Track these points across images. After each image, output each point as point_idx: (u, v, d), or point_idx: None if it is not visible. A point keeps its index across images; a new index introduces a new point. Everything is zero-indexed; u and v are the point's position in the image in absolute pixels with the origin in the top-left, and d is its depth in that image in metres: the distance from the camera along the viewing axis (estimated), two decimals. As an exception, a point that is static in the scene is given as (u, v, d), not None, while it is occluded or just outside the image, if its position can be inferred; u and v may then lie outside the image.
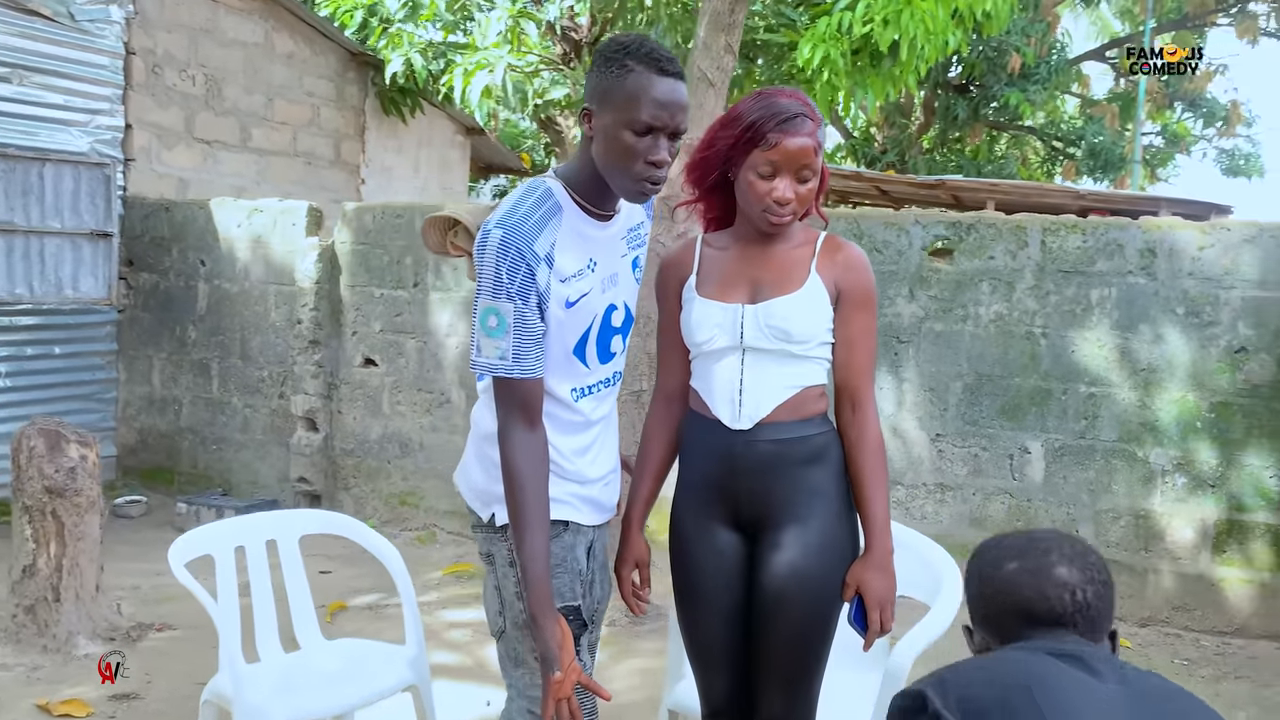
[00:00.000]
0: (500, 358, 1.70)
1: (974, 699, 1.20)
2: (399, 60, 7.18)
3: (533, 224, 1.70)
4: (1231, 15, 15.36)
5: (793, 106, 1.77)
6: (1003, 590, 1.39)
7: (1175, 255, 4.09)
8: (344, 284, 5.50)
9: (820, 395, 1.90)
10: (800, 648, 1.89)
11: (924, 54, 7.36)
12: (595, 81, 1.71)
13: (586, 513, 1.88)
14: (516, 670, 1.86)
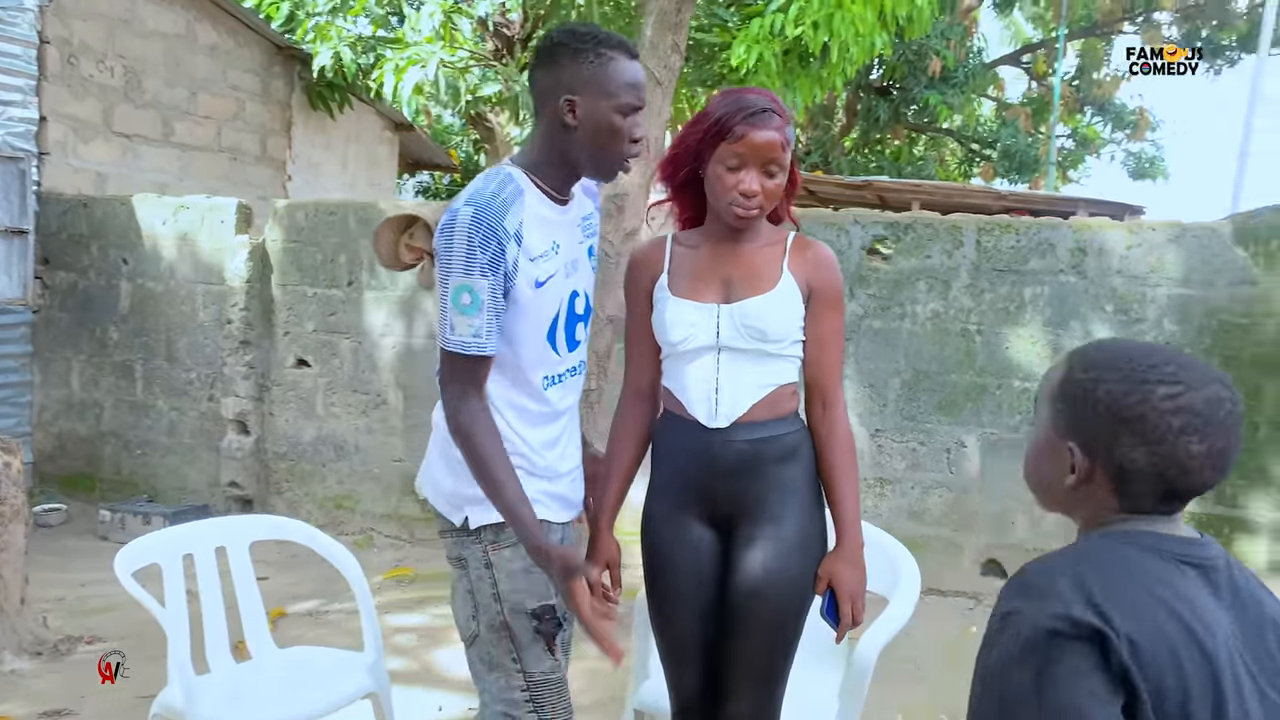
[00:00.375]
0: (474, 335, 1.69)
1: (1145, 650, 1.00)
2: (327, 54, 7.02)
3: (500, 202, 1.71)
4: (1137, 24, 15.99)
5: (760, 102, 1.80)
6: (1163, 448, 1.09)
7: (1104, 254, 4.24)
8: (275, 283, 5.36)
9: (793, 393, 1.92)
10: (772, 644, 1.90)
11: (852, 56, 7.50)
12: (572, 71, 1.72)
13: (556, 510, 1.87)
14: (490, 674, 1.83)
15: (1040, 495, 1.26)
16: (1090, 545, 1.12)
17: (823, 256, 1.90)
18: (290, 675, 2.42)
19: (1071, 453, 1.13)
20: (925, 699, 3.48)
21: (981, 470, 4.45)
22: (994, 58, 17.02)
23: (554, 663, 1.83)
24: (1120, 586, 1.04)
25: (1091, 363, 1.15)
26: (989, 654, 1.07)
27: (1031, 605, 1.03)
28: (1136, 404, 1.09)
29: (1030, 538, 4.43)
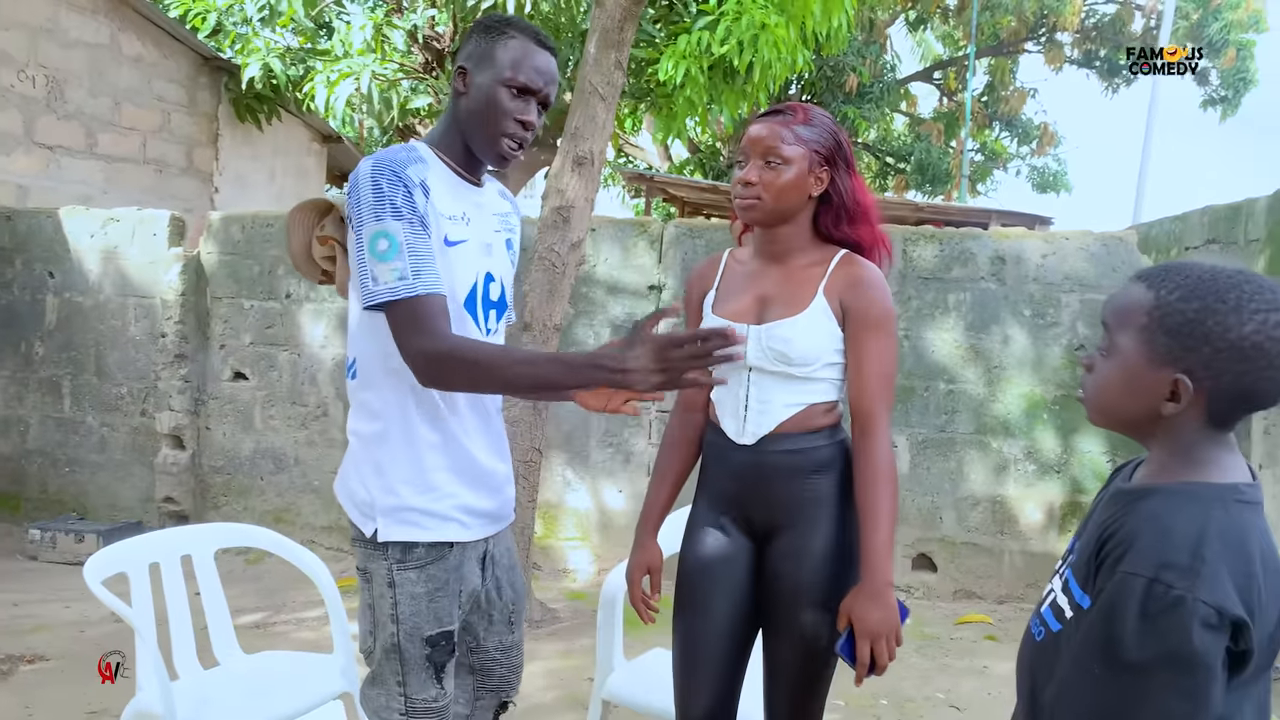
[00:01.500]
0: (400, 278, 1.58)
1: (1265, 620, 1.06)
2: (257, 66, 6.97)
3: (401, 156, 1.67)
4: (1040, 43, 16.71)
5: (780, 106, 1.85)
6: (1270, 362, 1.09)
7: (1022, 262, 4.50)
8: (211, 295, 5.32)
9: (828, 410, 1.88)
10: (808, 654, 1.87)
11: (775, 73, 7.73)
12: (474, 45, 1.74)
13: (476, 527, 1.80)
14: (372, 689, 1.79)
15: (1115, 424, 1.23)
16: (1216, 514, 1.10)
17: (863, 277, 1.82)
18: (261, 678, 2.45)
19: (1178, 382, 1.12)
20: (865, 687, 3.65)
21: (911, 468, 4.67)
22: (906, 74, 17.59)
23: (439, 691, 1.77)
24: (1251, 565, 1.06)
25: (1190, 290, 1.12)
26: (1143, 621, 1.04)
27: (1191, 584, 1.03)
28: (1252, 333, 1.08)
29: (958, 532, 4.66)
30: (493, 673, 1.97)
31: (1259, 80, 16.32)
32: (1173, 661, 1.02)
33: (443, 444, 1.74)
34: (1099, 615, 1.09)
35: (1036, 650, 1.24)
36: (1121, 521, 1.14)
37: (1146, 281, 1.16)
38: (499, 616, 1.93)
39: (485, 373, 1.58)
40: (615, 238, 4.87)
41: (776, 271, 1.89)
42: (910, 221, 10.50)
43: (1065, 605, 1.19)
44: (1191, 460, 1.15)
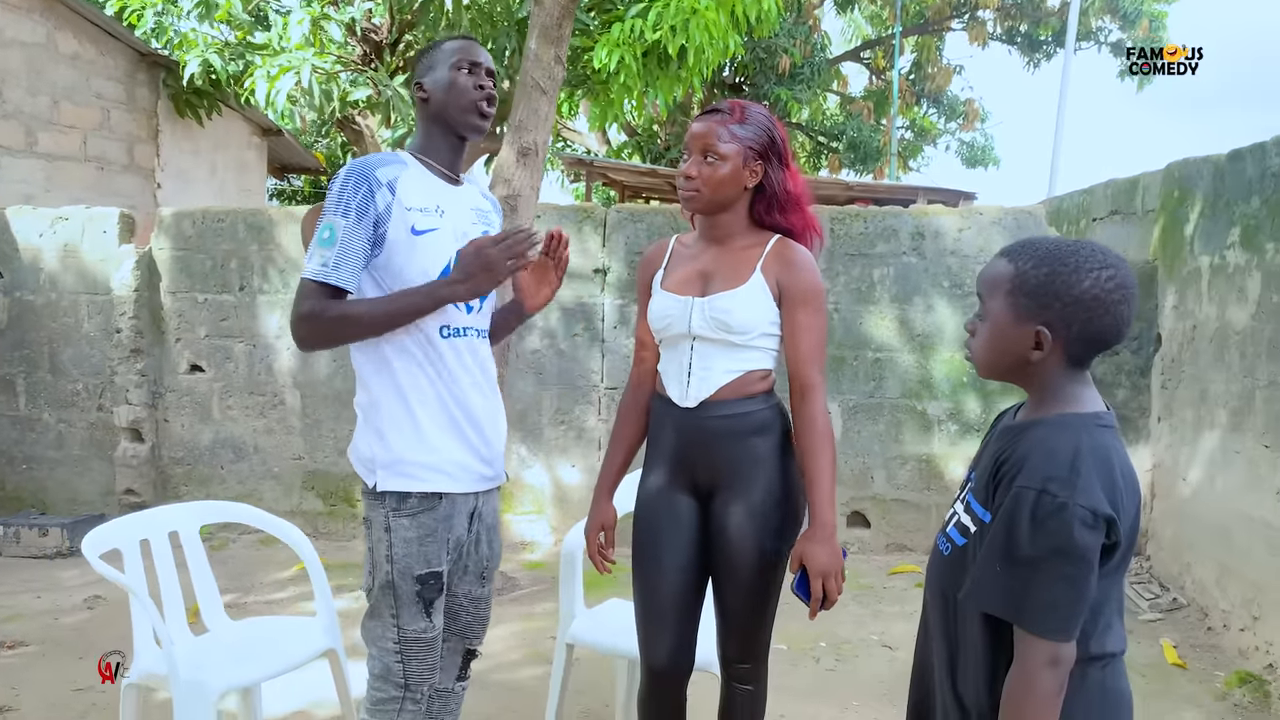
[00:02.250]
0: (323, 264, 1.87)
1: (1126, 516, 1.33)
2: (196, 62, 7.02)
3: (377, 159, 1.97)
4: (964, 21, 17.18)
5: (718, 104, 2.07)
6: (1109, 318, 1.37)
7: (940, 237, 4.82)
8: (165, 290, 5.43)
9: (763, 377, 2.10)
10: (752, 595, 2.10)
11: (708, 58, 7.97)
12: (421, 65, 2.08)
13: (465, 481, 2.02)
14: (370, 621, 2.04)
15: (996, 374, 1.48)
16: (1085, 437, 1.35)
17: (795, 259, 2.04)
18: (251, 641, 2.65)
19: (1039, 334, 1.37)
20: (807, 630, 3.96)
21: (844, 432, 4.98)
22: (836, 55, 17.96)
23: (428, 624, 2.00)
24: (1114, 475, 1.32)
25: (1039, 259, 1.38)
26: (1034, 524, 1.29)
27: (1070, 493, 1.29)
28: (1090, 287, 1.35)
29: (888, 490, 4.99)
30: (458, 618, 2.20)
31: (1171, 52, 16.98)
32: (1059, 554, 1.28)
33: (435, 408, 1.99)
34: (999, 523, 1.35)
35: (945, 563, 1.51)
36: (1013, 449, 1.40)
37: (1007, 256, 1.43)
38: (473, 569, 2.17)
39: (350, 324, 1.91)
40: (560, 222, 5.09)
41: (717, 252, 2.11)
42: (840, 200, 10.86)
43: (969, 522, 1.46)
44: (1060, 396, 1.43)
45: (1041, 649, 1.30)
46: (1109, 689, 1.40)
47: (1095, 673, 1.38)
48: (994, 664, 1.39)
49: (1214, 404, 4.00)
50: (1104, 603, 1.38)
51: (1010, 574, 1.32)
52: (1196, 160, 4.26)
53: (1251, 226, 3.72)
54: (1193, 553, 4.18)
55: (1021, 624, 1.32)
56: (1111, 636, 1.41)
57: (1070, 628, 1.31)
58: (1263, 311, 3.62)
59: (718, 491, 2.11)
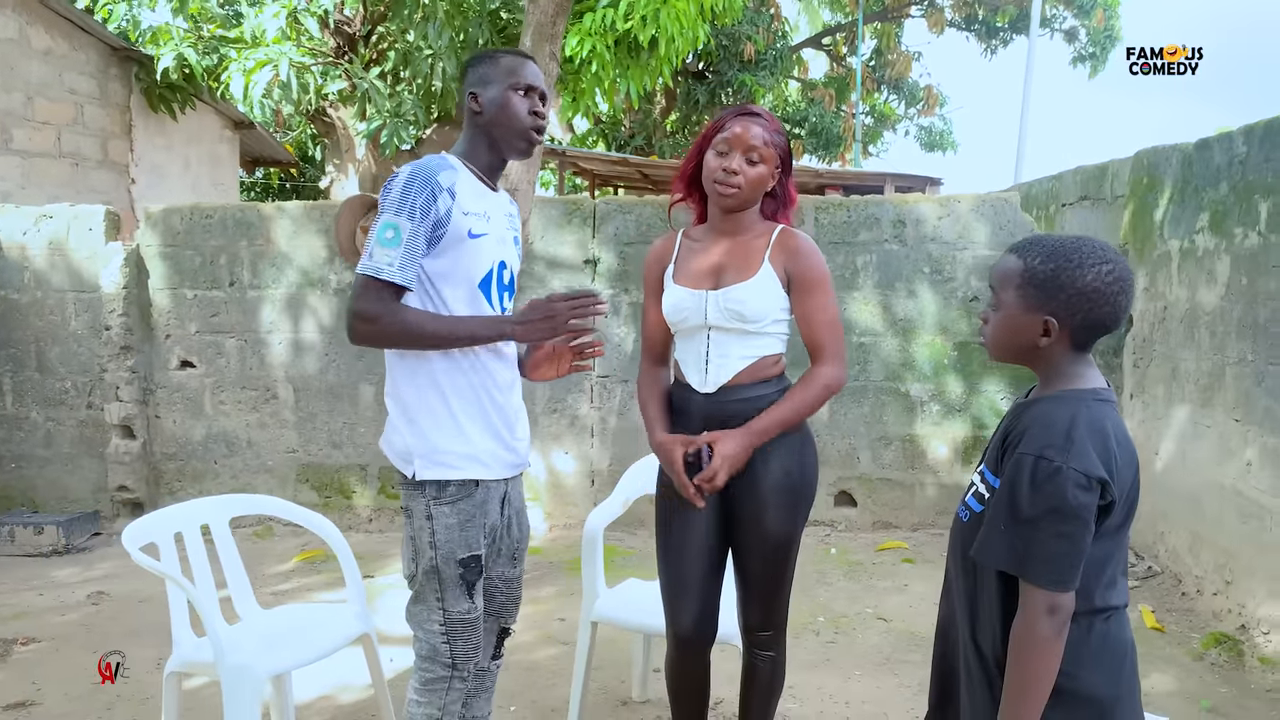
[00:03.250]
0: (388, 263, 1.95)
1: (1121, 479, 1.47)
2: (170, 56, 7.00)
3: (436, 163, 2.04)
4: (923, 8, 17.43)
5: (752, 108, 2.23)
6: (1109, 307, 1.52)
7: (920, 224, 4.99)
8: (153, 287, 5.44)
9: (776, 362, 2.25)
10: (772, 565, 2.25)
11: (678, 48, 8.07)
12: (474, 74, 2.16)
13: (497, 468, 2.14)
14: (416, 606, 2.14)
15: (1008, 358, 1.62)
16: (1082, 409, 1.50)
17: (802, 246, 2.20)
18: (286, 628, 2.74)
19: (1047, 323, 1.53)
20: (805, 607, 4.12)
21: (830, 415, 5.14)
22: (798, 41, 18.12)
23: (470, 605, 2.11)
24: (1108, 442, 1.47)
25: (1046, 255, 1.54)
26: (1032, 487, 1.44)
27: (1065, 458, 1.44)
28: (1092, 280, 1.50)
29: (874, 469, 5.16)
30: (494, 599, 2.32)
31: (1123, 37, 17.39)
32: (1055, 513, 1.44)
33: (468, 399, 2.10)
34: (1004, 487, 1.51)
35: (965, 529, 1.65)
36: (1019, 421, 1.57)
37: (1017, 252, 1.59)
38: (505, 551, 2.29)
39: (412, 336, 2.01)
40: (551, 216, 5.18)
41: (727, 245, 2.24)
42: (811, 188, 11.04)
43: (984, 490, 1.61)
44: (1064, 375, 1.59)
45: (1041, 598, 1.45)
46: (1112, 637, 1.56)
47: (1100, 624, 1.54)
48: (1006, 615, 1.54)
49: (1185, 381, 4.21)
50: (1107, 559, 1.53)
51: (1014, 532, 1.47)
52: (1165, 148, 4.46)
53: (1220, 212, 3.91)
54: (1167, 522, 4.39)
55: (1024, 576, 1.47)
56: (1115, 591, 1.56)
57: (1068, 579, 1.46)
58: (1232, 293, 3.82)
59: (737, 473, 2.20)
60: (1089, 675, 1.52)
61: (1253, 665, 3.49)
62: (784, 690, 3.30)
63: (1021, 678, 1.47)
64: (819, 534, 5.15)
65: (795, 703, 3.25)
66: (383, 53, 8.64)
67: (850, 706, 3.24)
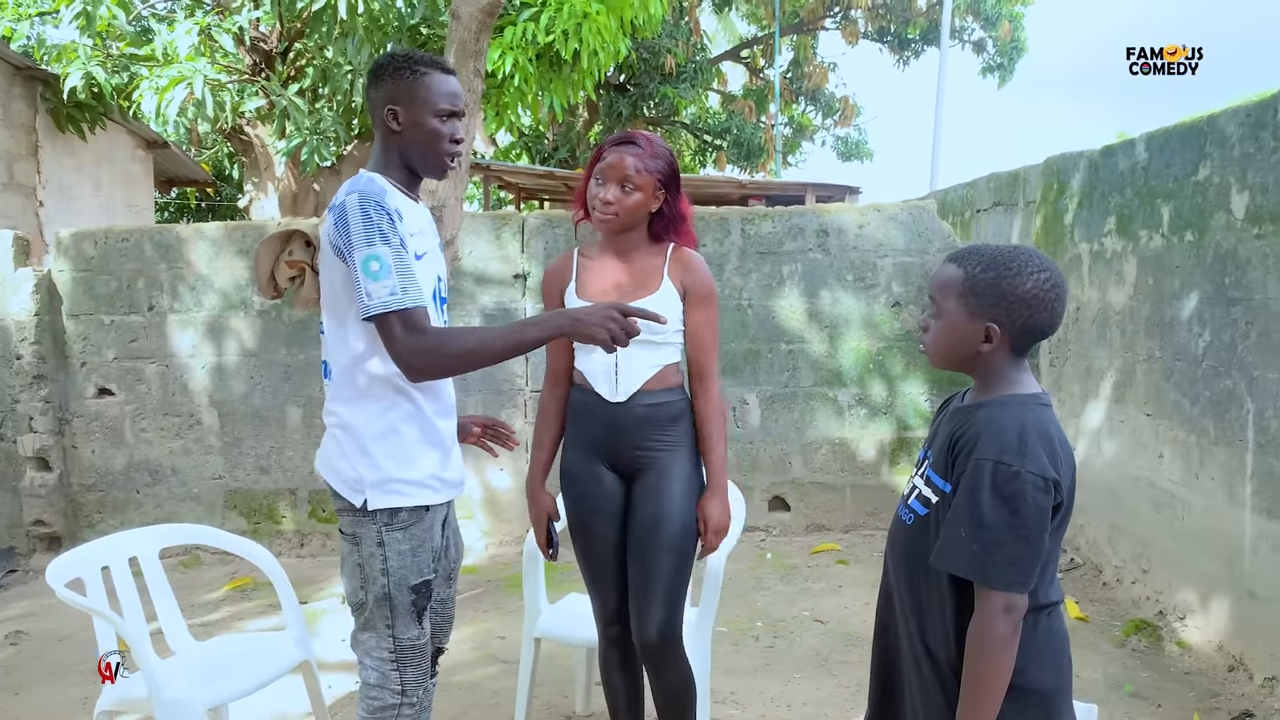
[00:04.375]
0: (391, 294, 1.88)
1: (1066, 479, 1.54)
2: (78, 74, 6.80)
3: (377, 188, 1.97)
4: (837, 20, 17.82)
5: (632, 136, 2.33)
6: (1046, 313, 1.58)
7: (843, 233, 5.10)
8: (67, 313, 5.27)
9: (676, 370, 2.41)
10: (670, 566, 2.36)
11: (600, 61, 8.13)
12: (393, 86, 2.07)
13: (444, 491, 2.13)
14: (364, 633, 2.10)
15: (949, 365, 1.67)
16: (1028, 414, 1.56)
17: (694, 263, 2.39)
18: (221, 659, 2.68)
19: (989, 329, 1.59)
20: (743, 612, 4.17)
21: (762, 421, 5.22)
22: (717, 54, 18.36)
23: (420, 630, 2.10)
24: (1054, 445, 1.53)
25: (986, 264, 1.59)
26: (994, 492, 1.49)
27: (1022, 462, 1.49)
28: (1031, 287, 1.56)
29: (806, 474, 5.25)
30: (430, 620, 2.29)
31: (1029, 48, 18.02)
32: (1016, 516, 1.49)
33: (416, 423, 2.07)
34: (962, 493, 1.54)
35: (909, 531, 1.70)
36: (967, 426, 1.61)
37: (956, 262, 1.64)
38: (442, 572, 2.26)
39: (471, 355, 1.94)
40: (480, 231, 5.17)
41: (624, 264, 2.39)
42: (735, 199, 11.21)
43: (930, 493, 1.65)
44: (1005, 381, 1.65)
45: (998, 599, 1.50)
46: (1054, 631, 1.63)
47: (1044, 620, 1.60)
48: (959, 618, 1.59)
49: (1099, 378, 4.38)
50: (1049, 558, 1.59)
51: (974, 537, 1.51)
52: (1073, 155, 4.64)
53: (1125, 215, 4.09)
54: (1086, 515, 4.56)
55: (986, 581, 1.51)
56: (1054, 587, 1.63)
57: (1028, 580, 1.51)
58: (1139, 293, 3.99)
59: (641, 472, 2.40)
60: (1036, 670, 1.57)
61: (1171, 649, 3.64)
62: (728, 696, 3.35)
63: (980, 678, 1.52)
64: (755, 539, 5.22)
65: (738, 708, 3.29)
66: (301, 69, 8.52)
67: (792, 709, 3.29)
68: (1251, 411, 3.23)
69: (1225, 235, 3.36)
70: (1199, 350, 3.55)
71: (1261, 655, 3.21)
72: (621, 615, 2.49)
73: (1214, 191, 3.43)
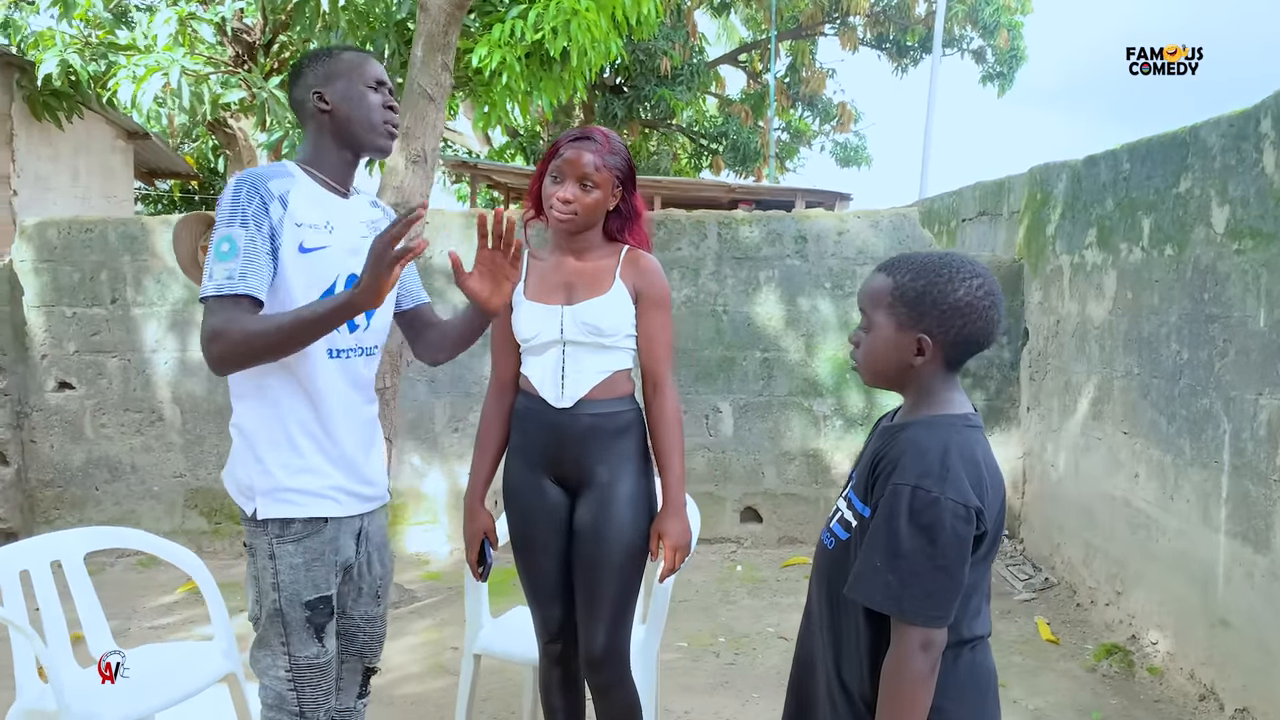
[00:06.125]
0: (228, 276, 1.78)
1: (991, 507, 1.43)
2: (53, 61, 6.68)
3: (267, 172, 1.90)
4: (836, 27, 17.73)
5: (587, 131, 2.20)
6: (981, 322, 1.48)
7: (821, 240, 4.99)
8: (28, 305, 5.15)
9: (628, 378, 2.29)
10: (615, 585, 2.24)
11: (590, 60, 8.02)
12: (316, 72, 2.00)
13: (349, 504, 2.00)
14: (259, 650, 1.99)
15: (881, 382, 1.56)
16: (953, 435, 1.45)
17: (649, 266, 2.27)
18: (146, 669, 2.56)
19: (920, 341, 1.48)
20: (705, 627, 4.06)
21: (735, 430, 5.11)
22: (714, 57, 18.26)
23: (320, 649, 1.97)
24: (980, 470, 1.43)
25: (916, 273, 1.49)
26: (911, 519, 1.38)
27: (942, 488, 1.39)
28: (964, 295, 1.46)
29: (779, 485, 5.14)
30: (355, 639, 2.19)
31: (1028, 57, 17.93)
32: (934, 545, 1.38)
33: (314, 431, 1.95)
34: (879, 519, 1.44)
35: (829, 557, 1.59)
36: (888, 448, 1.50)
37: (885, 271, 1.53)
38: (367, 589, 2.16)
39: (259, 336, 1.76)
40: (449, 227, 5.06)
41: (576, 264, 2.27)
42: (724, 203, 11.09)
43: (850, 518, 1.55)
44: (934, 399, 1.54)
45: (915, 634, 1.40)
46: (978, 666, 1.52)
47: (966, 654, 1.50)
48: (875, 651, 1.48)
49: (1077, 393, 4.27)
50: (974, 589, 1.48)
51: (890, 567, 1.40)
52: (1056, 165, 4.54)
53: (1107, 228, 3.98)
54: (1062, 534, 4.45)
55: (902, 615, 1.40)
56: (980, 620, 1.52)
57: (946, 614, 1.40)
58: (1118, 307, 3.88)
59: (585, 487, 2.26)
60: (956, 707, 1.47)
61: (1142, 675, 3.53)
62: (681, 715, 3.24)
63: (895, 716, 1.41)
64: (725, 550, 5.11)
65: (690, 729, 3.18)
66: (284, 62, 8.40)
67: (746, 731, 3.18)
68: (1228, 432, 3.12)
69: (1205, 250, 3.26)
70: (1177, 368, 3.44)
71: (1233, 685, 3.10)
72: (564, 633, 2.37)
73: (1195, 204, 3.33)
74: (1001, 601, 4.29)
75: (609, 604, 2.25)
